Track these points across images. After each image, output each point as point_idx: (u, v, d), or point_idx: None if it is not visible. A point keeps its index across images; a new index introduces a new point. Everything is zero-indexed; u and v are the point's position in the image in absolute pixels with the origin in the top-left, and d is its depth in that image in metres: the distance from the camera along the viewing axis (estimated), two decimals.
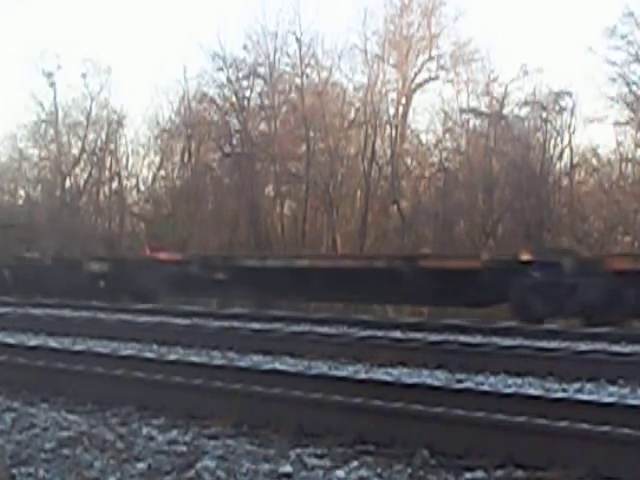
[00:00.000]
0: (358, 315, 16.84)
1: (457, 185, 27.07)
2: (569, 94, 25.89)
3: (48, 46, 33.32)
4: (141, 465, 4.62)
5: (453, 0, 34.45)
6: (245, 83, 30.24)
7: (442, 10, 29.20)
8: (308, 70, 29.56)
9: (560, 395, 6.85)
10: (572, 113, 25.88)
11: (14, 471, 4.50)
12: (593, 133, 39.07)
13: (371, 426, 5.18)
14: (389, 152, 28.54)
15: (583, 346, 10.13)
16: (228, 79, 29.92)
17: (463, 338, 11.26)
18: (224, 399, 5.99)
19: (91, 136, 33.29)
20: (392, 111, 29.14)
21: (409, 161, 29.49)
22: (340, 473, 4.49)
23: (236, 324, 13.51)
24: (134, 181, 33.42)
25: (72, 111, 33.54)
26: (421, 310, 20.02)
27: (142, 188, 33.18)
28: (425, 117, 33.09)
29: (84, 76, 32.54)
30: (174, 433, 5.43)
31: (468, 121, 28.22)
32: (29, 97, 33.51)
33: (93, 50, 46.80)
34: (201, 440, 5.22)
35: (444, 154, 28.60)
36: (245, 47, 29.60)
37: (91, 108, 32.99)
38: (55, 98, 33.22)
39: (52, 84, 32.85)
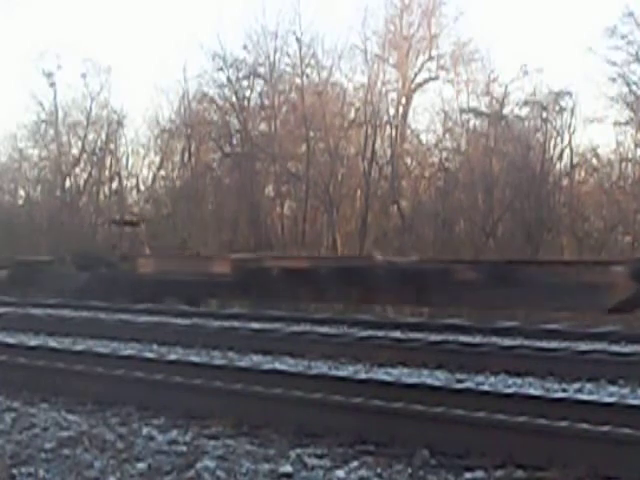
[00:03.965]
0: (358, 315, 16.84)
1: (457, 185, 27.06)
2: (569, 94, 25.91)
3: (48, 46, 33.36)
4: (141, 465, 4.62)
5: (453, 0, 34.54)
6: (245, 83, 30.27)
7: (442, 10, 29.25)
8: (308, 70, 29.59)
9: (560, 395, 6.85)
10: (572, 113, 25.89)
11: (14, 471, 4.50)
12: (593, 133, 39.07)
13: (371, 426, 5.18)
14: (389, 152, 28.54)
15: (583, 346, 10.12)
16: (228, 79, 29.94)
17: (463, 338, 11.24)
18: (224, 399, 5.99)
19: (91, 136, 33.34)
20: (392, 111, 29.17)
21: (409, 161, 29.48)
22: (340, 473, 4.49)
23: (236, 324, 13.50)
24: (134, 181, 33.44)
25: (72, 111, 33.58)
26: (421, 310, 20.00)
27: (142, 188, 33.21)
28: (425, 117, 33.18)
29: (84, 76, 32.59)
30: (174, 433, 5.42)
31: (468, 121, 28.23)
32: (29, 97, 33.55)
33: (93, 50, 46.87)
34: (201, 440, 5.22)
35: (444, 154, 28.61)
36: (245, 47, 29.63)
37: (91, 108, 33.03)
38: (55, 98, 33.26)
39: (52, 84, 32.87)
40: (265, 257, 20.58)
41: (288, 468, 4.56)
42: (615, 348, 10.07)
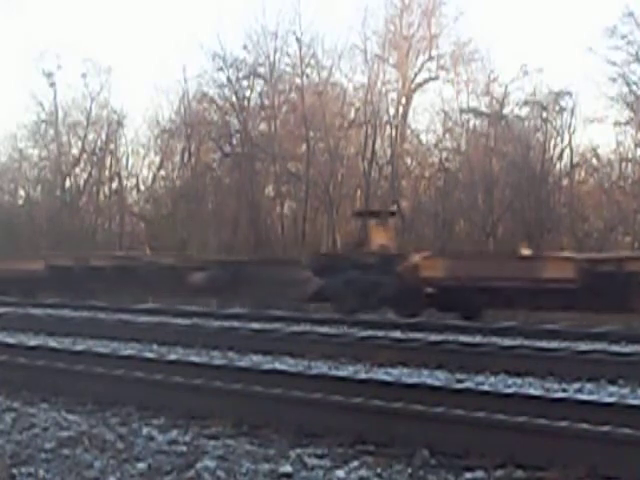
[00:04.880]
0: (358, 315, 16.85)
1: (457, 185, 27.08)
2: (569, 94, 25.96)
3: (48, 46, 33.43)
4: (141, 465, 4.61)
5: (453, 0, 34.57)
6: (245, 83, 30.30)
7: (442, 10, 29.31)
8: (308, 70, 29.63)
9: (560, 395, 6.85)
10: (572, 113, 25.95)
11: (14, 471, 4.50)
12: (593, 133, 39.11)
13: (371, 426, 5.18)
14: (389, 152, 28.56)
15: (583, 346, 10.13)
16: (228, 79, 29.96)
17: (463, 338, 11.26)
18: (224, 399, 5.99)
19: (91, 136, 33.39)
20: (392, 111, 29.20)
21: (409, 161, 29.51)
22: (340, 473, 4.49)
23: (236, 324, 13.51)
24: (134, 181, 33.51)
25: (72, 111, 33.64)
26: None
27: (142, 188, 33.24)
28: (425, 117, 33.20)
29: (84, 76, 32.66)
30: (174, 433, 5.42)
31: (468, 121, 28.27)
32: (29, 97, 33.62)
33: (93, 50, 46.95)
34: (201, 440, 5.21)
35: (444, 154, 28.63)
36: (245, 47, 29.68)
37: (91, 108, 33.07)
38: (55, 98, 33.29)
39: (52, 84, 32.93)
40: (626, 258, 16.33)
41: (288, 468, 4.55)
42: (615, 348, 10.08)
